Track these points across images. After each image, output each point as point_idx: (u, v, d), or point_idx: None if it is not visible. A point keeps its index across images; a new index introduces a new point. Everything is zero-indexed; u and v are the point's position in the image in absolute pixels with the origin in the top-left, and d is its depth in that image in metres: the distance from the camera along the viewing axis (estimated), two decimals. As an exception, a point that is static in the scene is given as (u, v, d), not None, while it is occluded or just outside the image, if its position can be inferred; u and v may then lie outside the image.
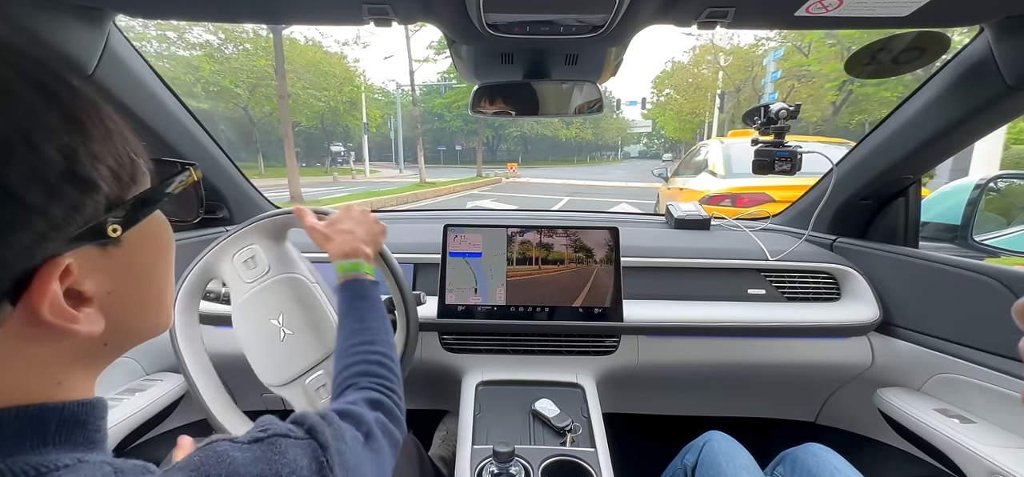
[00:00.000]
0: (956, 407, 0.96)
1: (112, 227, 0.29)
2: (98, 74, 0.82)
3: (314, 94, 19.38)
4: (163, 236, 0.36)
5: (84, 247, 0.28)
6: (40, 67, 0.27)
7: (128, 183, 0.31)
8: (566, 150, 52.12)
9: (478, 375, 1.04)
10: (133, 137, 0.32)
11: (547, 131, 40.08)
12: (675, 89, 27.54)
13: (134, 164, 0.31)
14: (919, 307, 1.04)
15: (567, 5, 0.68)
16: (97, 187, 0.28)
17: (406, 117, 34.11)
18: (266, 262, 0.82)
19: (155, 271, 0.36)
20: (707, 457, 0.86)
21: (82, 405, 0.31)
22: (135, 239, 0.32)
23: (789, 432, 1.21)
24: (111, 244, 0.30)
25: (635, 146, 67.10)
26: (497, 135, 43.66)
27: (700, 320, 1.07)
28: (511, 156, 46.33)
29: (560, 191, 13.90)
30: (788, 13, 0.72)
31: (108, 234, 0.29)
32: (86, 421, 0.31)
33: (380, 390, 0.54)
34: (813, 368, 1.12)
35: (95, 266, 0.29)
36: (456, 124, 34.91)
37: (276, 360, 0.79)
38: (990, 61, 0.81)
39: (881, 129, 1.09)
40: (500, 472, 0.77)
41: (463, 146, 39.73)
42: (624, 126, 54.40)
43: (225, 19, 0.86)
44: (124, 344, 0.35)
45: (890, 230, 1.19)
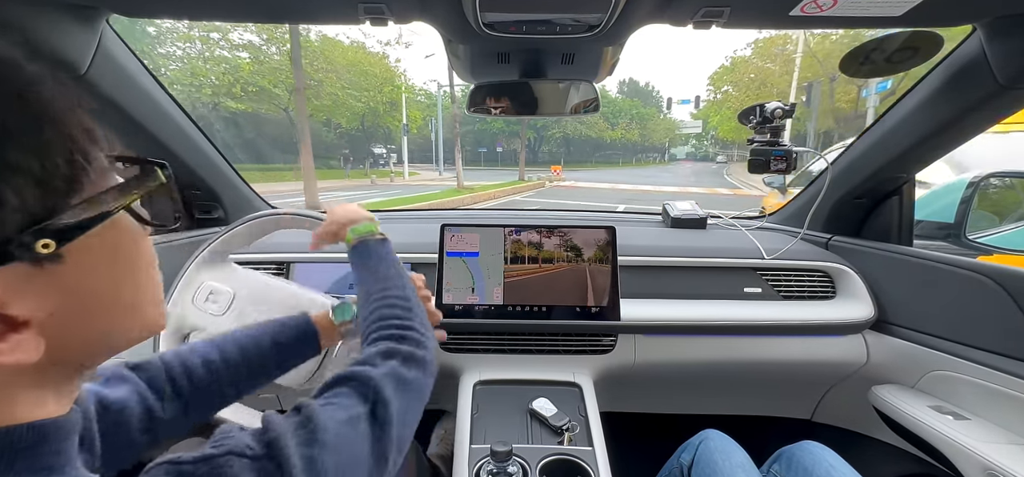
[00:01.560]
0: (950, 404, 0.97)
1: (42, 243, 0.25)
2: (91, 74, 0.81)
3: (354, 95, 18.75)
4: (127, 240, 0.32)
5: (8, 268, 0.25)
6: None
7: (64, 191, 0.27)
8: (610, 151, 49.96)
9: (476, 374, 1.03)
10: (88, 136, 0.28)
11: (591, 132, 38.78)
12: (734, 86, 25.95)
13: (77, 168, 0.27)
14: (913, 305, 1.05)
15: (563, 5, 0.68)
16: (3, 202, 0.24)
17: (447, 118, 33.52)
18: (228, 289, 0.82)
19: (120, 282, 0.32)
20: (703, 455, 0.86)
21: (32, 428, 0.28)
22: (85, 251, 0.28)
23: (785, 430, 1.22)
24: (47, 261, 0.26)
25: (682, 147, 64.90)
26: (539, 136, 42.64)
27: (697, 319, 1.08)
28: (553, 158, 43.83)
29: (608, 197, 12.67)
30: (783, 13, 0.72)
31: (37, 251, 0.25)
32: (37, 444, 0.28)
33: (394, 333, 0.51)
34: (809, 366, 1.13)
35: (28, 287, 0.26)
36: (497, 125, 33.96)
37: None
38: (982, 60, 0.82)
39: (875, 128, 1.10)
40: (498, 471, 0.77)
41: (504, 148, 39.12)
42: (672, 127, 52.12)
43: (221, 18, 0.86)
44: (84, 359, 0.32)
45: (884, 228, 1.19)
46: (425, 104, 30.38)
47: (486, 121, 32.63)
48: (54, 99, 0.27)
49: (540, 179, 19.01)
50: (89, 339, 0.31)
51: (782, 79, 22.25)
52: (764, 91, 23.34)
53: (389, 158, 25.94)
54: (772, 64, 23.46)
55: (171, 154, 1.07)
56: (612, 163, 47.05)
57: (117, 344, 0.33)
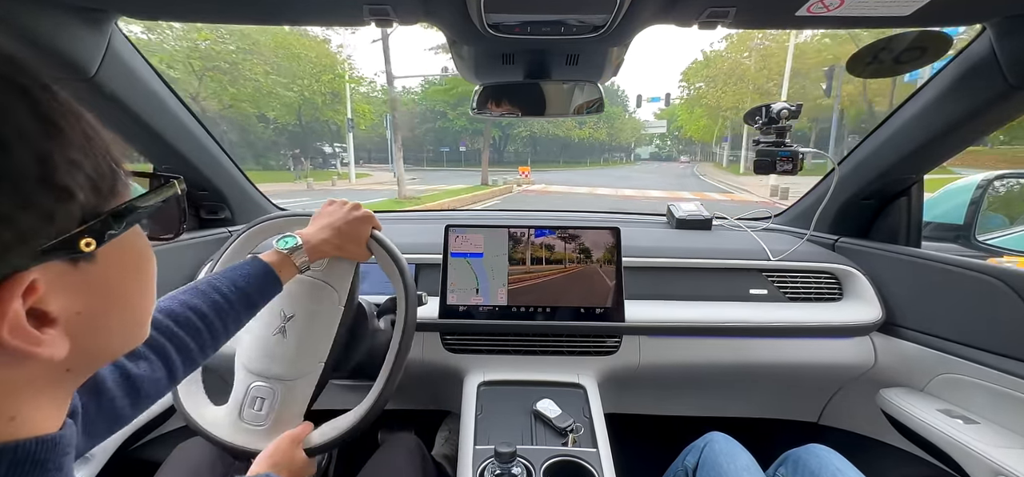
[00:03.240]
0: (959, 408, 0.96)
1: (86, 241, 0.26)
2: (100, 75, 0.82)
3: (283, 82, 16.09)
4: (141, 253, 0.34)
5: (53, 262, 0.25)
6: (11, 64, 0.25)
7: (107, 195, 0.28)
8: (578, 151, 48.66)
9: (480, 375, 1.04)
10: (114, 146, 0.30)
11: (558, 131, 36.71)
12: (709, 81, 25.17)
13: (114, 174, 0.29)
14: (922, 307, 1.03)
15: (568, 5, 0.68)
16: (73, 196, 0.25)
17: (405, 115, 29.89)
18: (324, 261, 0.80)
19: (131, 290, 0.33)
20: (708, 458, 0.86)
21: (41, 443, 0.28)
22: (110, 255, 0.29)
23: (791, 433, 1.21)
24: (83, 260, 0.27)
25: (647, 147, 65.18)
26: (504, 135, 40.24)
27: (702, 320, 1.07)
28: (519, 158, 42.34)
29: (587, 203, 11.48)
30: (789, 13, 0.72)
31: (81, 249, 0.26)
32: (45, 460, 0.28)
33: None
34: (815, 368, 1.12)
35: (64, 283, 0.27)
36: (460, 123, 31.77)
37: (258, 347, 0.77)
38: (992, 60, 0.81)
39: (883, 128, 1.09)
40: (502, 472, 0.77)
41: (468, 147, 36.37)
42: (638, 127, 52.19)
43: (226, 20, 0.86)
44: (90, 367, 0.33)
45: (892, 230, 1.18)
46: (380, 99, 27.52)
47: (447, 118, 31.09)
48: (79, 105, 0.28)
49: (507, 183, 16.83)
50: (102, 343, 0.32)
51: (760, 74, 21.62)
52: (741, 87, 22.83)
53: (339, 157, 23.73)
54: (747, 58, 22.78)
55: (179, 155, 1.08)
56: (580, 163, 45.79)
57: (118, 350, 0.34)
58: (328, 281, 0.80)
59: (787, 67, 15.40)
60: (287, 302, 0.78)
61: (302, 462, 0.71)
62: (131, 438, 0.96)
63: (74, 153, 0.26)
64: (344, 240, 0.76)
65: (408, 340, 0.77)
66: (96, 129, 0.28)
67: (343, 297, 0.81)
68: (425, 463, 0.90)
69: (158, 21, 0.84)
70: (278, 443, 0.70)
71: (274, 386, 0.76)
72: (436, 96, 28.54)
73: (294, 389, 0.77)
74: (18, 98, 0.24)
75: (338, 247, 0.75)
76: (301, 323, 0.78)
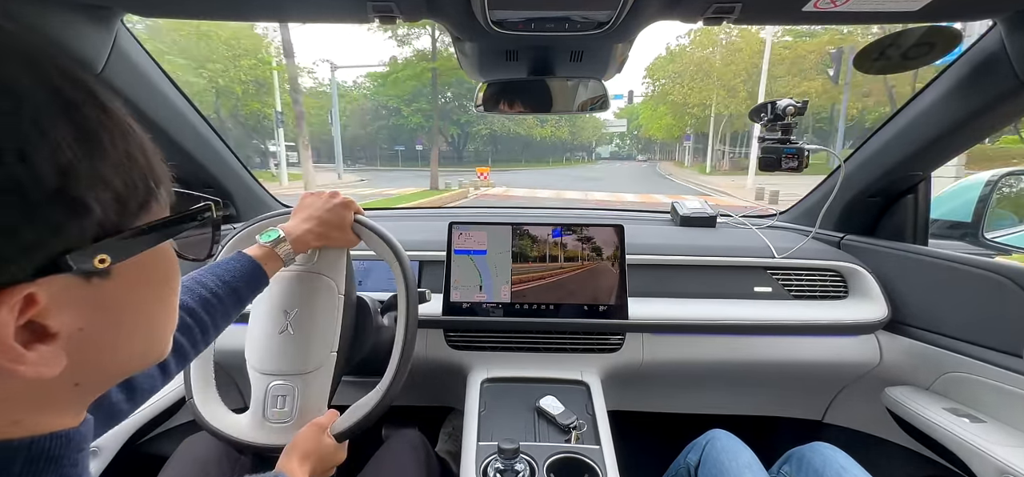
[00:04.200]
0: (966, 406, 0.95)
1: (99, 258, 0.25)
2: (106, 73, 0.82)
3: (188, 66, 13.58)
4: (166, 271, 0.33)
5: (59, 276, 0.24)
6: (65, 77, 0.24)
7: (135, 212, 0.28)
8: (540, 150, 47.21)
9: (483, 372, 1.04)
10: (159, 163, 0.30)
11: (520, 129, 35.12)
12: (673, 77, 24.44)
13: (149, 191, 0.28)
14: (928, 305, 1.03)
15: (572, 2, 0.67)
16: (89, 211, 0.24)
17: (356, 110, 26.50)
18: (314, 255, 0.81)
19: (148, 306, 0.32)
20: (710, 455, 0.86)
21: (56, 438, 0.28)
22: (128, 272, 0.28)
23: (796, 431, 1.20)
24: (97, 276, 0.26)
25: (607, 147, 65.06)
26: (463, 133, 36.99)
27: (706, 318, 1.07)
28: (479, 158, 39.12)
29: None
30: (795, 8, 0.71)
31: (93, 266, 0.25)
32: (60, 456, 0.28)
33: None
34: (820, 366, 1.11)
35: (72, 298, 0.26)
36: (415, 120, 29.09)
37: (267, 348, 0.78)
38: (1003, 56, 0.80)
39: (890, 125, 1.08)
40: (505, 469, 0.78)
41: (425, 145, 33.60)
42: (599, 125, 51.71)
43: (232, 17, 0.87)
44: (102, 382, 0.32)
45: (899, 227, 1.17)
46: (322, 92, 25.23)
47: (401, 114, 29.03)
48: (131, 119, 0.28)
49: (462, 186, 14.67)
50: (113, 359, 0.31)
51: (727, 69, 20.88)
52: (708, 83, 22.00)
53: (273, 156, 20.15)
54: (712, 53, 22.00)
55: (185, 152, 1.08)
56: (542, 162, 44.45)
57: (134, 367, 0.34)
58: (322, 272, 0.80)
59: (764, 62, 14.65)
60: (287, 300, 0.79)
61: (332, 448, 0.71)
62: (138, 432, 0.97)
63: (106, 169, 0.25)
64: (327, 228, 0.76)
65: (414, 307, 0.77)
66: (143, 147, 0.28)
67: (341, 285, 0.81)
68: (429, 459, 0.90)
69: (164, 19, 0.85)
70: (304, 432, 0.70)
71: (292, 382, 0.77)
72: (389, 91, 26.58)
73: (312, 381, 0.78)
74: (61, 113, 0.24)
75: (322, 235, 0.76)
76: (304, 317, 0.78)
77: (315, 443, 0.70)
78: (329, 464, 0.72)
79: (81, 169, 0.24)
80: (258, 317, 0.80)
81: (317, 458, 0.69)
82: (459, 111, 31.95)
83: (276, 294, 0.79)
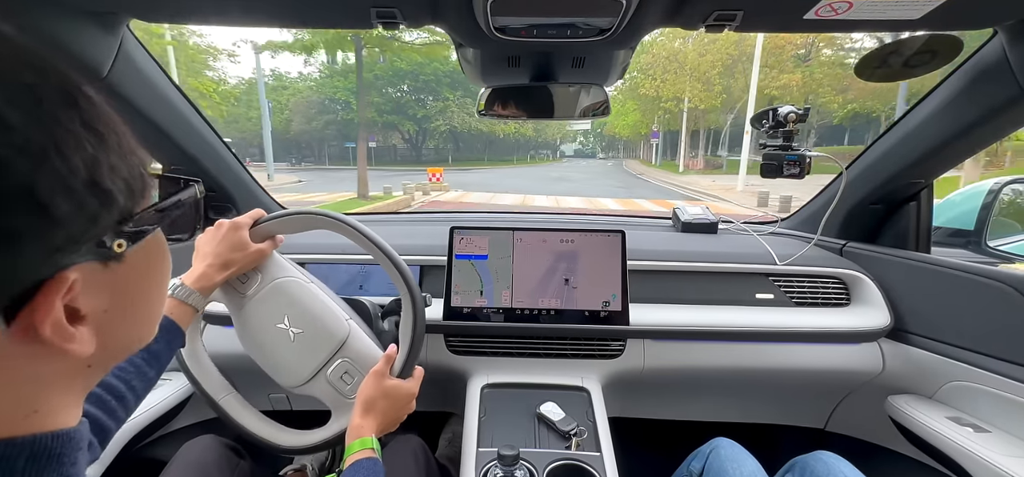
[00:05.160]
0: (970, 416, 0.94)
1: (118, 242, 0.28)
2: (112, 77, 0.83)
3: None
4: (161, 253, 0.35)
5: (90, 262, 0.27)
6: (63, 75, 0.26)
7: (139, 197, 0.30)
8: (503, 148, 44.28)
9: (483, 378, 1.03)
10: (141, 150, 0.31)
11: (481, 126, 31.22)
12: (643, 71, 22.84)
13: (143, 178, 0.30)
14: (931, 313, 1.02)
15: (574, 8, 0.68)
16: (114, 200, 0.27)
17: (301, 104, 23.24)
18: (257, 272, 0.82)
19: (150, 288, 0.34)
20: (714, 464, 0.85)
21: (57, 437, 0.29)
22: (137, 255, 0.31)
23: (798, 439, 1.20)
24: (114, 260, 0.28)
25: (571, 144, 64.51)
26: (421, 130, 34.00)
27: (707, 324, 1.06)
28: (440, 156, 36.83)
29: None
30: (797, 16, 0.71)
31: (114, 249, 0.28)
32: (61, 454, 0.28)
33: None
34: (822, 374, 1.11)
35: (95, 282, 0.28)
36: (367, 114, 25.75)
37: (293, 360, 0.79)
38: (1004, 64, 0.80)
39: (892, 133, 1.08)
40: (505, 475, 0.77)
41: (380, 142, 31.92)
42: (563, 123, 51.15)
43: (235, 23, 0.87)
44: (108, 364, 0.34)
45: (901, 235, 1.17)
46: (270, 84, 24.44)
47: (350, 108, 25.88)
48: (114, 113, 0.29)
49: (407, 190, 12.02)
50: (122, 339, 0.33)
51: (702, 60, 19.67)
52: (681, 75, 20.72)
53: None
54: (685, 42, 20.37)
55: (188, 156, 1.09)
56: (506, 160, 41.55)
57: (128, 349, 0.35)
58: (275, 277, 0.81)
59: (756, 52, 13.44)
60: (270, 319, 0.80)
61: (395, 387, 0.73)
62: (137, 436, 0.97)
63: (114, 158, 0.27)
64: (225, 256, 0.75)
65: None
66: (127, 135, 0.30)
67: (297, 272, 0.83)
68: (429, 464, 0.90)
69: (169, 24, 0.85)
70: (362, 388, 0.72)
71: (337, 360, 0.79)
72: (337, 83, 25.49)
73: (352, 345, 0.80)
74: (70, 107, 0.25)
75: (224, 265, 0.74)
76: (297, 316, 0.79)
77: (374, 389, 0.71)
78: (401, 404, 0.73)
79: (101, 160, 0.26)
80: (265, 350, 0.81)
81: (385, 402, 0.71)
82: (416, 106, 30.01)
83: (258, 324, 0.80)
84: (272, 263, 0.83)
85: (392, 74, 28.10)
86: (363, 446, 0.66)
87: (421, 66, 27.95)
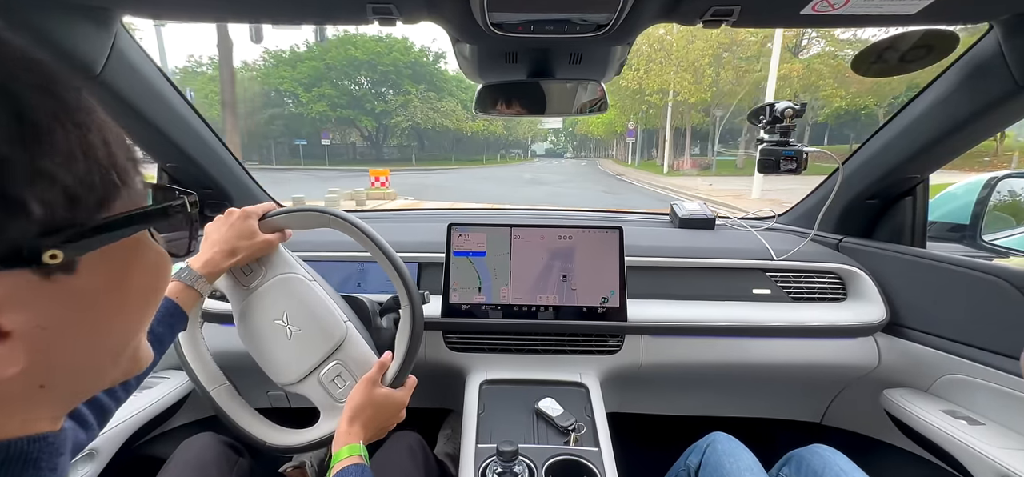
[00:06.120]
0: (964, 408, 0.95)
1: (51, 253, 0.24)
2: (106, 74, 0.82)
3: None
4: (147, 266, 0.31)
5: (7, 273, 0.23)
6: (15, 66, 0.23)
7: (93, 206, 0.26)
8: (472, 147, 41.50)
9: (482, 374, 1.04)
10: (126, 156, 0.28)
11: (448, 122, 29.61)
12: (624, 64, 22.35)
13: (110, 185, 0.27)
14: (927, 307, 1.03)
15: (571, 4, 0.67)
16: (25, 208, 0.23)
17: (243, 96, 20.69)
18: (261, 265, 0.82)
19: (126, 305, 0.30)
20: (711, 458, 0.85)
21: (33, 441, 0.27)
22: (100, 267, 0.27)
23: (794, 433, 1.20)
24: (56, 271, 0.25)
25: (542, 143, 63.91)
26: (381, 126, 30.74)
27: (704, 320, 1.07)
28: (404, 154, 34.09)
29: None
30: (793, 11, 0.71)
31: (43, 261, 0.24)
32: (38, 458, 0.27)
33: None
34: (818, 368, 1.11)
35: (27, 295, 0.24)
36: (318, 108, 24.07)
37: (287, 358, 0.79)
38: (999, 59, 0.80)
39: (888, 128, 1.08)
40: (504, 471, 0.77)
41: (334, 140, 29.03)
42: (535, 121, 50.30)
43: (231, 19, 0.87)
44: (71, 385, 0.30)
45: (897, 230, 1.18)
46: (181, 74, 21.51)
47: (300, 102, 23.94)
48: (95, 111, 0.26)
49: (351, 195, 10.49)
50: (82, 362, 0.29)
51: (692, 46, 18.10)
52: (667, 65, 19.12)
53: None
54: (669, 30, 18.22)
55: (183, 153, 1.08)
56: (474, 160, 38.88)
57: (109, 374, 0.32)
58: (273, 274, 0.81)
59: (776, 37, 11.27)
60: (269, 313, 0.80)
61: (385, 396, 0.72)
62: (136, 434, 0.96)
63: (52, 165, 0.23)
64: (232, 243, 0.75)
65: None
66: (105, 139, 0.27)
67: (300, 269, 0.83)
68: (427, 461, 0.90)
69: (163, 20, 0.85)
70: (351, 395, 0.71)
71: (331, 362, 0.79)
72: (283, 73, 22.83)
73: (347, 349, 0.79)
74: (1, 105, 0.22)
75: (231, 252, 0.75)
76: (294, 313, 0.79)
77: (363, 397, 0.70)
78: (389, 414, 0.73)
79: (16, 163, 0.22)
80: (262, 345, 0.81)
81: (372, 409, 0.70)
82: (374, 99, 27.41)
83: (257, 318, 0.80)
84: (278, 257, 0.83)
85: (346, 63, 25.27)
86: (352, 453, 0.65)
87: (379, 55, 25.43)
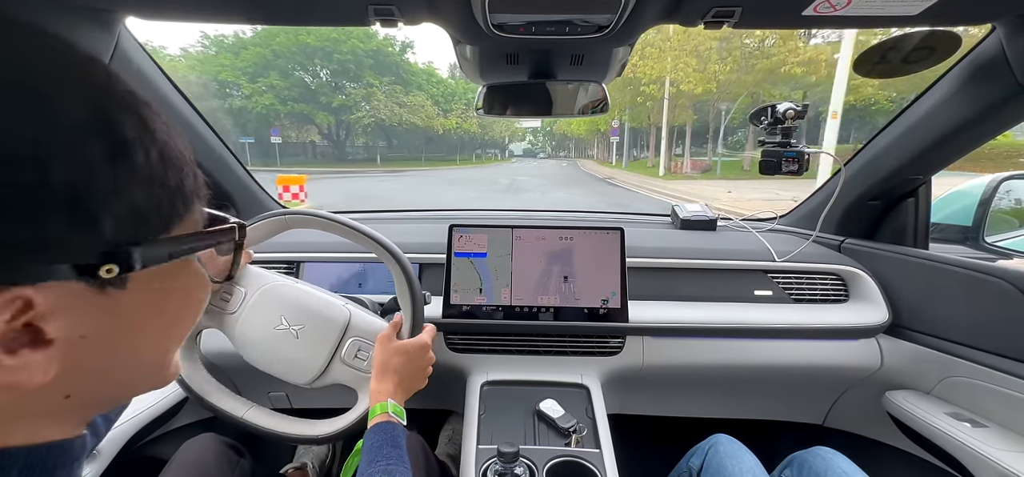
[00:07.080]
0: (968, 411, 0.95)
1: (107, 267, 0.25)
2: None
3: None
4: (189, 286, 0.33)
5: (63, 283, 0.24)
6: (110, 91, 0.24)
7: (155, 227, 0.27)
8: (445, 146, 39.64)
9: (483, 375, 1.04)
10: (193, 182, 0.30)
11: (417, 119, 27.99)
12: None
13: (174, 210, 0.28)
14: (929, 309, 1.02)
15: (573, 5, 0.67)
16: (97, 225, 0.24)
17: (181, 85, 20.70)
18: (238, 286, 0.81)
19: (164, 322, 0.32)
20: (713, 460, 0.85)
21: (52, 449, 0.28)
22: (148, 284, 0.28)
23: (796, 435, 1.20)
24: (110, 285, 0.26)
25: (520, 143, 63.50)
26: (340, 123, 28.34)
27: (706, 321, 1.07)
28: (369, 154, 31.41)
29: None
30: (795, 12, 0.71)
31: (99, 274, 0.25)
32: (54, 467, 0.28)
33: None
34: (821, 370, 1.11)
35: (77, 305, 0.25)
36: (265, 101, 21.74)
37: (303, 356, 0.78)
38: (1002, 60, 0.80)
39: (890, 129, 1.08)
40: (505, 472, 0.77)
41: (286, 138, 26.33)
42: (512, 120, 49.90)
43: (233, 20, 0.87)
44: (95, 395, 0.30)
45: (899, 231, 1.17)
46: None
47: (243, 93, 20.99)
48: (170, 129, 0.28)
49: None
50: (113, 372, 0.30)
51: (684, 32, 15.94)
52: (665, 51, 17.69)
53: None
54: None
55: None
56: (448, 160, 36.87)
57: (134, 386, 0.33)
58: (253, 289, 0.81)
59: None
60: (267, 329, 0.79)
61: (403, 348, 0.73)
62: (137, 435, 0.97)
63: (130, 186, 0.25)
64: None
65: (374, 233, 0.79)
66: (180, 166, 0.28)
67: (280, 277, 0.83)
68: (428, 462, 0.90)
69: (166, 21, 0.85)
70: (374, 355, 0.73)
71: (348, 341, 0.79)
72: (223, 61, 20.47)
73: (357, 325, 0.80)
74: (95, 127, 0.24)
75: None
76: (292, 313, 0.79)
77: (384, 352, 0.72)
78: (416, 358, 0.74)
79: (100, 185, 0.24)
80: (272, 354, 0.79)
81: (397, 359, 0.71)
82: (332, 92, 25.06)
83: (256, 332, 0.79)
84: (249, 275, 0.82)
85: (296, 50, 22.56)
86: (382, 410, 0.66)
87: (335, 42, 22.70)
